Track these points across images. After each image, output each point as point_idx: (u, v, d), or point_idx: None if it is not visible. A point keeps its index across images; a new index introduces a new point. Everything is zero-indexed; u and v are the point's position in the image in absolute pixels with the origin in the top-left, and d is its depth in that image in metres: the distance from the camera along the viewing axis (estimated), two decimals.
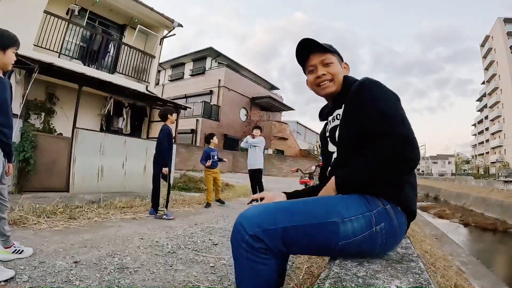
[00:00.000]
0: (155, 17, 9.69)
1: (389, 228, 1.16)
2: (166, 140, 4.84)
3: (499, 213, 15.95)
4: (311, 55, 1.46)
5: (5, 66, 2.26)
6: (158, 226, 4.20)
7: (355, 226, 1.11)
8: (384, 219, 1.15)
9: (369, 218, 1.13)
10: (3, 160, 2.28)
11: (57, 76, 6.66)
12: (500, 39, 47.76)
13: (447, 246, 6.36)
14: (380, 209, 1.16)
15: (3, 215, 2.39)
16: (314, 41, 1.42)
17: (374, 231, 1.13)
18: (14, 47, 2.26)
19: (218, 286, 2.33)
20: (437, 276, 2.92)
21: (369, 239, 1.13)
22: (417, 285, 0.93)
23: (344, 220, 1.11)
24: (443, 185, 31.98)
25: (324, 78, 1.43)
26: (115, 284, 2.21)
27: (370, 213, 1.14)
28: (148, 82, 9.72)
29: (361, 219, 1.12)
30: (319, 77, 1.44)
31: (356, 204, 1.15)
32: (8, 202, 2.44)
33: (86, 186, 6.68)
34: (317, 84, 1.46)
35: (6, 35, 2.24)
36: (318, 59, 1.44)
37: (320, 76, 1.44)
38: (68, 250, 2.86)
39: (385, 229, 1.15)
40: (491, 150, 54.36)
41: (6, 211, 2.44)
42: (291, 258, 3.04)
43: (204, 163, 6.40)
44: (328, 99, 1.53)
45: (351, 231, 1.11)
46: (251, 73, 27.92)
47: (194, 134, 21.18)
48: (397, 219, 1.18)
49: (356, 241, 1.12)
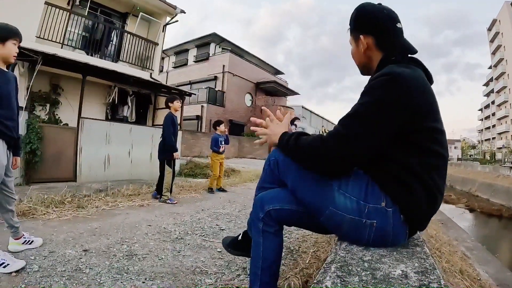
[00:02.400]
0: (157, 4, 9.57)
1: (380, 229, 1.12)
2: (170, 126, 4.99)
3: (505, 199, 15.85)
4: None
5: (6, 58, 2.23)
6: (166, 213, 4.25)
7: (346, 203, 1.14)
8: (378, 218, 1.11)
9: (361, 208, 1.12)
10: (7, 152, 2.28)
11: (61, 66, 6.65)
12: (507, 23, 46.64)
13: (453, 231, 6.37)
14: (380, 207, 1.11)
15: (11, 207, 2.41)
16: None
17: (363, 223, 1.12)
18: (14, 39, 2.23)
19: (225, 271, 2.37)
20: (442, 261, 2.93)
21: (356, 226, 1.13)
22: (422, 269, 0.94)
23: (340, 190, 1.15)
24: (449, 170, 31.49)
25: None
26: (124, 271, 2.26)
27: (365, 204, 1.12)
28: (152, 70, 9.67)
29: (354, 201, 1.13)
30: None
31: (357, 187, 1.15)
32: (15, 195, 2.45)
33: (93, 175, 6.75)
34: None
35: (5, 27, 2.21)
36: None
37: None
38: (77, 239, 2.91)
39: (376, 228, 1.11)
40: (497, 136, 53.77)
41: (14, 203, 2.46)
42: (297, 243, 3.07)
43: (216, 149, 6.52)
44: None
45: (343, 205, 1.14)
46: (255, 58, 27.67)
47: (200, 120, 21.17)
48: (394, 225, 1.12)
49: (345, 219, 1.14)
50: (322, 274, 0.93)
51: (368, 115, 1.09)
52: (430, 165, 1.12)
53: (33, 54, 5.79)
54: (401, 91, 1.08)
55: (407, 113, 1.08)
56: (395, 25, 1.27)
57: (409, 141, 1.11)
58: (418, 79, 1.14)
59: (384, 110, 1.07)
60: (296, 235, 3.34)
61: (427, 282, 0.84)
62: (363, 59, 1.33)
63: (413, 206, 1.11)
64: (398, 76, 1.10)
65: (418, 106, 1.09)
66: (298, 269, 2.28)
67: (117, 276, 2.15)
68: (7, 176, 2.32)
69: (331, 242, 2.78)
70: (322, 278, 0.90)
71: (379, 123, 1.07)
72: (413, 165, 1.10)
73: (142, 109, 9.86)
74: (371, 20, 1.29)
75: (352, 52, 1.36)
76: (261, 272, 1.32)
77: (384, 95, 1.08)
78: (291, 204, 1.32)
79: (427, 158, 1.12)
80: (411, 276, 0.88)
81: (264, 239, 1.33)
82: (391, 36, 1.28)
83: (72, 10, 7.92)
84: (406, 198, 1.10)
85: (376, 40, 1.28)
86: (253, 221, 1.39)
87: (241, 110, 23.89)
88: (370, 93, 1.12)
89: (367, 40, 1.29)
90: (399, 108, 1.07)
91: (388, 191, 1.12)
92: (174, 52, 27.45)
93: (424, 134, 1.11)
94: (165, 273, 2.27)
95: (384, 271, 0.91)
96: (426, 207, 1.13)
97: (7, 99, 2.20)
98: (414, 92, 1.09)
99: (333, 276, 0.89)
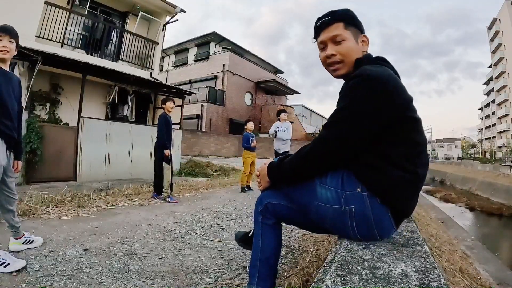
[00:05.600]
0: (157, 3, 9.56)
1: (360, 214, 1.17)
2: (163, 125, 5.16)
3: (505, 198, 15.86)
4: (323, 29, 1.32)
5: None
6: (166, 212, 4.26)
7: (327, 195, 1.21)
8: (355, 203, 1.17)
9: (339, 196, 1.19)
10: (8, 153, 2.26)
11: (61, 66, 6.66)
12: (507, 22, 46.49)
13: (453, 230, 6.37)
14: (356, 192, 1.17)
15: (12, 207, 2.40)
16: (327, 13, 1.31)
17: (343, 210, 1.18)
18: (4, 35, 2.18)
19: (226, 270, 2.37)
20: (442, 260, 2.93)
21: (338, 215, 1.20)
22: (423, 268, 0.94)
23: (321, 184, 1.24)
24: (449, 169, 31.83)
25: (333, 59, 1.31)
26: (125, 270, 2.26)
27: (342, 191, 1.19)
28: (152, 69, 9.67)
29: (333, 191, 1.21)
30: (328, 57, 1.32)
31: (335, 178, 1.22)
32: (16, 195, 2.44)
33: (93, 174, 6.75)
34: (328, 65, 1.35)
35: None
36: (328, 34, 1.30)
37: (330, 56, 1.31)
38: (77, 238, 2.91)
39: (355, 213, 1.17)
40: (497, 135, 53.71)
41: (15, 204, 2.45)
42: (298, 242, 3.07)
43: (248, 146, 6.66)
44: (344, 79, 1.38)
45: (324, 197, 1.22)
46: (255, 57, 27.63)
47: (200, 119, 21.15)
48: (372, 209, 1.16)
49: (329, 210, 1.21)
50: (323, 273, 0.93)
51: (351, 118, 1.14)
52: (410, 154, 1.17)
53: (33, 53, 5.78)
54: (379, 90, 1.12)
55: (388, 109, 1.12)
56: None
57: (389, 133, 1.15)
58: (391, 76, 1.19)
59: (367, 111, 1.12)
60: (296, 234, 3.34)
61: (427, 281, 0.84)
62: (356, 56, 1.31)
63: (388, 187, 1.15)
64: (375, 76, 1.14)
65: (396, 100, 1.14)
66: (298, 268, 2.28)
67: (118, 275, 2.15)
68: (8, 176, 2.31)
69: (331, 241, 2.78)
70: (322, 277, 0.90)
71: (363, 125, 1.13)
72: (391, 154, 1.15)
73: (142, 108, 9.87)
74: (360, 23, 1.35)
75: (351, 49, 1.29)
76: (259, 263, 1.41)
77: (365, 96, 1.12)
78: (287, 201, 1.43)
79: (408, 147, 1.18)
80: (411, 275, 0.88)
81: (263, 231, 1.46)
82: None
83: (72, 9, 7.92)
84: (380, 182, 1.15)
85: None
86: (254, 216, 1.52)
87: (241, 109, 23.85)
88: (351, 95, 1.16)
89: (366, 40, 1.35)
90: (380, 106, 1.12)
91: (362, 177, 1.18)
92: (174, 51, 27.41)
93: (403, 125, 1.17)
94: (165, 272, 2.27)
95: (384, 270, 0.91)
96: (404, 189, 1.18)
97: (6, 99, 2.18)
98: (390, 89, 1.14)
99: (334, 275, 0.89)
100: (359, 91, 1.13)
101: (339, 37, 1.28)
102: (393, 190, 1.15)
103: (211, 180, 8.02)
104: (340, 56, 1.29)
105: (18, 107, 2.36)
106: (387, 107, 1.12)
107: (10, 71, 2.30)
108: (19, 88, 2.38)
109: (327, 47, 1.31)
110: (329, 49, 1.31)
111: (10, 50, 2.21)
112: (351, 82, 1.16)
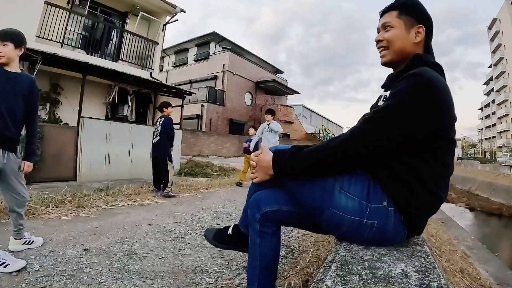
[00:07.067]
0: (157, 3, 9.57)
1: (380, 229, 1.10)
2: (173, 127, 5.61)
3: (505, 198, 15.84)
4: (381, 16, 1.33)
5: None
6: (166, 212, 4.26)
7: (348, 204, 1.11)
8: (379, 218, 1.09)
9: (363, 208, 1.09)
10: (2, 152, 2.21)
11: (61, 66, 6.66)
12: (507, 22, 46.49)
13: (453, 230, 6.36)
14: (381, 207, 1.09)
15: (19, 210, 2.40)
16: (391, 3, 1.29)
17: (364, 223, 1.09)
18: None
19: (226, 270, 2.37)
20: (442, 260, 2.94)
21: (355, 227, 1.11)
22: (423, 268, 0.94)
23: (342, 191, 1.12)
24: None
25: (380, 44, 1.30)
26: (125, 270, 2.26)
27: (367, 204, 1.09)
28: (152, 69, 9.68)
29: (356, 202, 1.10)
30: (377, 42, 1.31)
31: (359, 187, 1.12)
32: (24, 198, 2.42)
33: (93, 175, 6.75)
34: (378, 50, 1.33)
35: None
36: (382, 21, 1.30)
37: (377, 41, 1.31)
38: (77, 238, 2.91)
39: (376, 229, 1.09)
40: (497, 135, 53.75)
41: (24, 207, 2.45)
42: (297, 241, 3.07)
43: (252, 150, 6.99)
44: (393, 68, 1.34)
45: (343, 205, 1.11)
46: (255, 57, 27.65)
47: (200, 119, 21.17)
48: (395, 225, 1.10)
49: (344, 219, 1.11)
50: (323, 273, 0.93)
51: (401, 118, 1.04)
52: (438, 175, 1.11)
53: (33, 53, 5.78)
54: (438, 100, 1.04)
55: (438, 122, 1.05)
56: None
57: (425, 148, 1.08)
58: (447, 88, 1.10)
59: (420, 117, 1.03)
60: (296, 234, 3.34)
61: (427, 281, 0.84)
62: (407, 48, 1.25)
63: (414, 208, 1.09)
64: (431, 82, 1.05)
65: (447, 117, 1.07)
66: (298, 268, 2.29)
67: (118, 275, 2.15)
68: (10, 178, 2.29)
69: (331, 241, 2.78)
70: (322, 277, 0.90)
71: (411, 130, 1.04)
72: (422, 171, 1.07)
73: (142, 108, 9.89)
74: (425, 13, 1.26)
75: (396, 36, 1.25)
76: (259, 272, 1.30)
77: (422, 101, 1.03)
78: (289, 206, 1.30)
79: (438, 168, 1.11)
80: (411, 275, 0.88)
81: (261, 240, 1.31)
82: (431, 36, 1.28)
83: (72, 9, 7.94)
84: (408, 199, 1.08)
85: (426, 34, 1.26)
86: (250, 222, 1.36)
87: (241, 109, 23.87)
88: (408, 94, 1.06)
89: (421, 31, 1.25)
90: (433, 116, 1.04)
91: (390, 191, 1.09)
92: (174, 51, 27.44)
93: (441, 144, 1.10)
94: (165, 272, 2.27)
95: (384, 270, 0.91)
96: (427, 211, 1.15)
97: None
98: (445, 102, 1.06)
99: (334, 275, 0.89)
100: (418, 94, 1.04)
101: (388, 24, 1.27)
102: (417, 209, 1.10)
103: (211, 180, 8.03)
104: (385, 42, 1.27)
105: (26, 107, 2.33)
106: (438, 121, 1.05)
107: (15, 72, 2.27)
108: (28, 88, 2.34)
109: (379, 33, 1.32)
110: (379, 34, 1.31)
111: (5, 53, 2.19)
112: (410, 81, 1.07)
